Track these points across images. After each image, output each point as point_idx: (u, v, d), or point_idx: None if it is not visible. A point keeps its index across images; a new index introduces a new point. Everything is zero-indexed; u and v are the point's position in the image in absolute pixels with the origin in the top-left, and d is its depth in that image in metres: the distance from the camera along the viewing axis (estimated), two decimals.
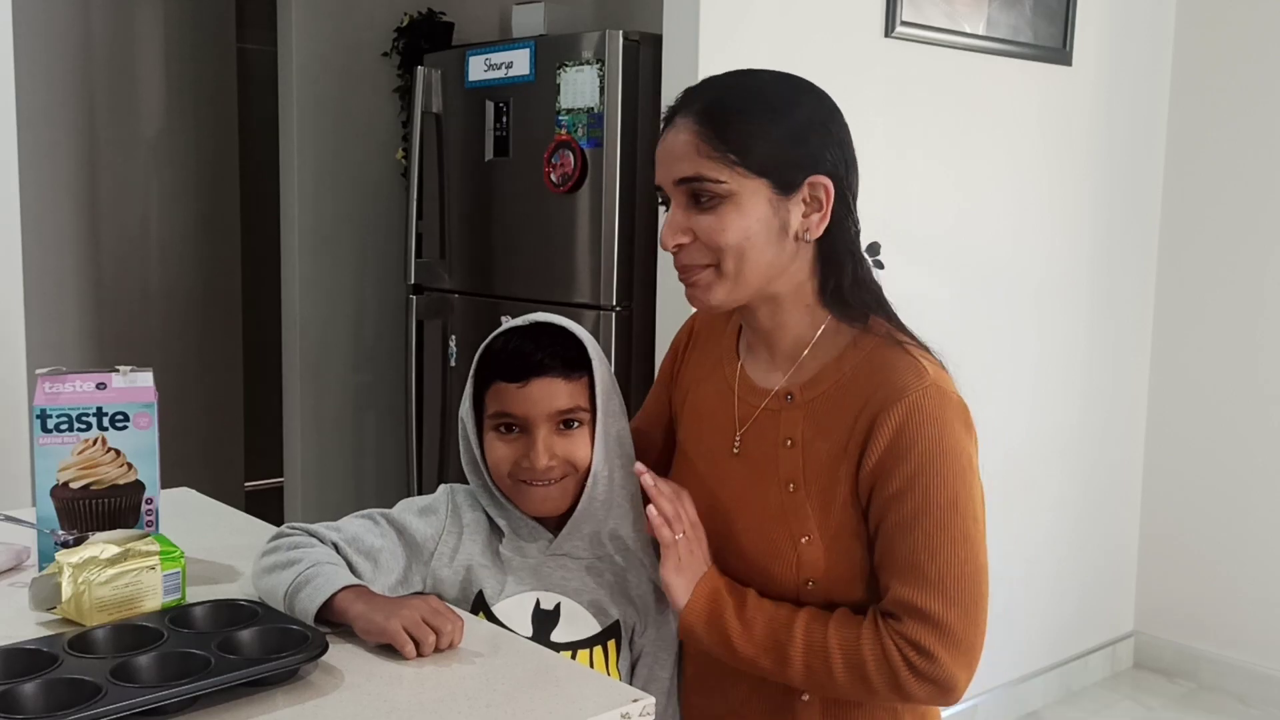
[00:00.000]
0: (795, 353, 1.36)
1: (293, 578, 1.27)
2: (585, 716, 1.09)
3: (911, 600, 1.25)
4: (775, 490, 1.33)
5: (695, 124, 1.28)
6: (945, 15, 2.90)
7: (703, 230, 1.28)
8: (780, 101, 1.30)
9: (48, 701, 1.04)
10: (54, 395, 1.44)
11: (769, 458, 1.34)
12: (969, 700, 3.25)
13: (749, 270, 1.29)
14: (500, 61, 3.08)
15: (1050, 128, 3.27)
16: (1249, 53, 3.45)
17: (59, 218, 3.91)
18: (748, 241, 1.27)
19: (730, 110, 1.28)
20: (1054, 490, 3.46)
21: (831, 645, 1.28)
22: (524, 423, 1.38)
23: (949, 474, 1.26)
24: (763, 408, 1.36)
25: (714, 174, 1.26)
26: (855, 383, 1.31)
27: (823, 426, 1.31)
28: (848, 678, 1.27)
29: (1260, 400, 3.47)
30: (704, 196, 1.27)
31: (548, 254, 2.99)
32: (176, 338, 4.28)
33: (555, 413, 1.37)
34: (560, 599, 1.40)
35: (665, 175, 1.31)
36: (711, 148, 1.26)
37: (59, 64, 3.88)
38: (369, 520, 1.41)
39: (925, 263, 2.99)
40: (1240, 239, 3.49)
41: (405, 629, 1.19)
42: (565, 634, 1.39)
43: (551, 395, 1.37)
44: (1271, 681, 3.47)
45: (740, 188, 1.27)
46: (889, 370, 1.29)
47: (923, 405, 1.26)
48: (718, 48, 2.51)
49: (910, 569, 1.25)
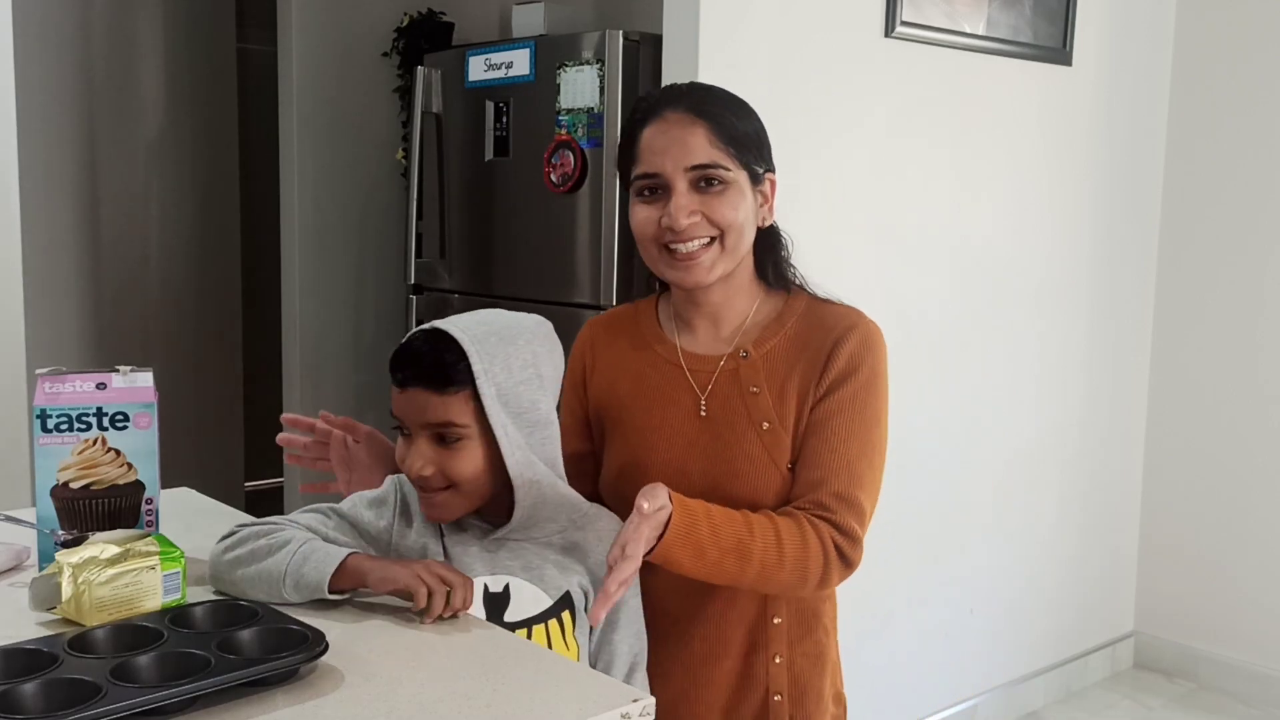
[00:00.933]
0: (737, 321, 1.56)
1: (289, 557, 1.28)
2: (585, 716, 1.09)
3: (848, 493, 1.46)
4: (750, 432, 1.50)
5: (700, 118, 1.46)
6: (945, 15, 2.90)
7: (711, 209, 1.46)
8: (747, 110, 1.52)
9: (48, 701, 1.04)
10: (54, 395, 1.44)
11: (736, 408, 1.51)
12: (969, 700, 3.25)
13: (741, 247, 1.50)
14: (500, 61, 3.08)
15: (1050, 128, 3.27)
16: (1249, 53, 3.45)
17: (59, 218, 3.91)
18: (745, 221, 1.49)
19: (724, 112, 1.48)
20: (1054, 491, 3.46)
21: (785, 542, 1.42)
22: (408, 428, 1.37)
23: (880, 393, 1.51)
24: (720, 369, 1.53)
25: (724, 163, 1.46)
26: (804, 332, 1.53)
27: (785, 370, 1.51)
28: (791, 570, 1.42)
29: (1260, 400, 3.47)
30: (715, 182, 1.46)
31: (548, 254, 2.99)
32: (176, 338, 4.28)
33: (426, 424, 1.35)
34: (508, 579, 1.40)
35: (674, 162, 1.46)
36: (720, 141, 1.46)
37: (59, 64, 3.88)
38: (320, 515, 1.41)
39: (925, 263, 2.99)
40: (1240, 238, 3.49)
41: (421, 578, 1.26)
42: (516, 613, 1.39)
43: (421, 406, 1.34)
44: (1271, 681, 3.47)
45: (737, 177, 1.48)
46: (833, 314, 1.54)
47: (868, 336, 1.51)
48: (718, 48, 2.51)
49: (846, 468, 1.47)
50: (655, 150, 1.46)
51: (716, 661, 1.55)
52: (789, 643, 1.55)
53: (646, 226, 1.48)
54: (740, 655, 1.55)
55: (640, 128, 1.49)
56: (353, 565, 1.28)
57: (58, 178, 3.90)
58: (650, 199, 1.48)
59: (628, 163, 1.51)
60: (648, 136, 1.47)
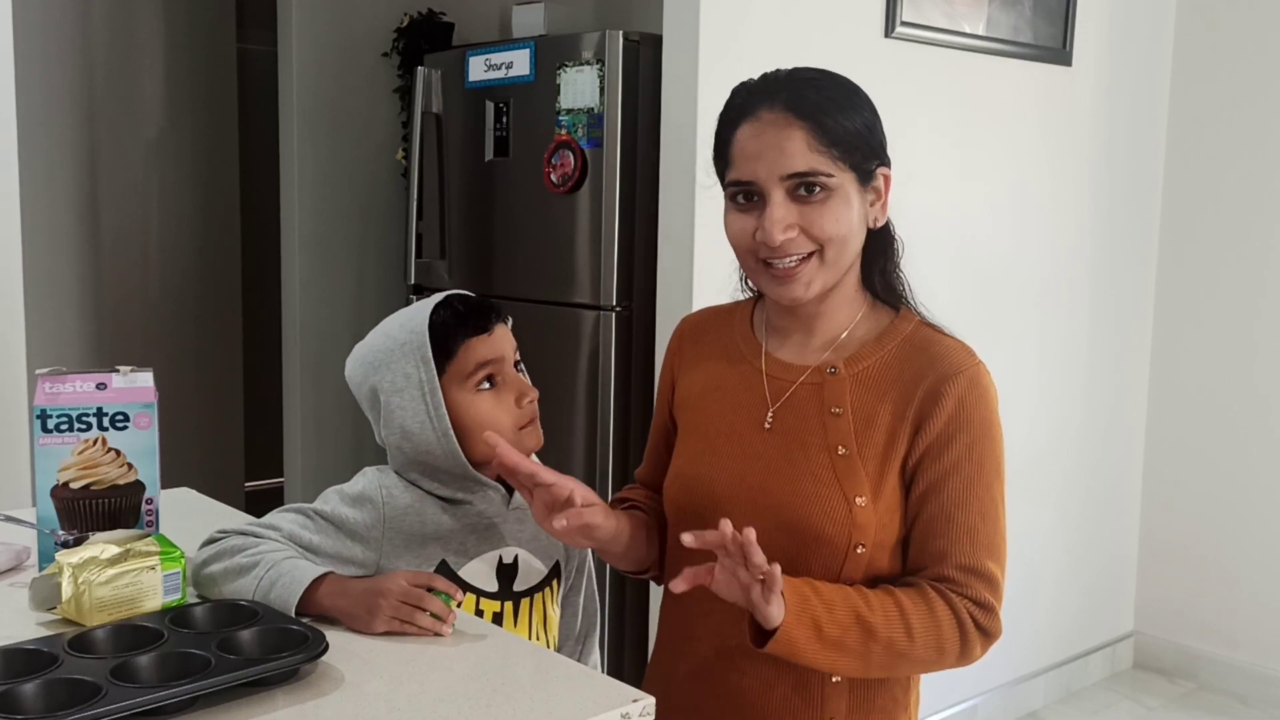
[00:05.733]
0: (834, 333, 1.41)
1: (255, 583, 1.28)
2: (585, 716, 1.09)
3: (975, 564, 1.33)
4: (822, 455, 1.36)
5: (798, 119, 1.31)
6: (945, 15, 2.90)
7: (812, 222, 1.32)
8: (855, 98, 1.36)
9: (48, 701, 1.04)
10: (54, 395, 1.44)
11: (812, 427, 1.37)
12: (969, 700, 3.25)
13: (845, 259, 1.36)
14: (500, 62, 3.08)
15: (1050, 128, 3.27)
16: (1248, 52, 3.45)
17: (59, 218, 3.91)
18: (850, 232, 1.34)
19: (824, 105, 1.32)
20: (1054, 491, 3.46)
21: (909, 615, 1.30)
22: (499, 367, 1.45)
23: (996, 445, 1.37)
24: (800, 382, 1.40)
25: (826, 169, 1.31)
26: (905, 358, 1.38)
27: (874, 395, 1.37)
28: (924, 645, 1.31)
29: (1259, 401, 3.47)
30: (816, 189, 1.32)
31: (548, 254, 2.99)
32: (176, 338, 4.28)
33: (514, 350, 1.48)
34: (518, 550, 1.48)
35: (768, 170, 1.32)
36: (820, 143, 1.31)
37: (59, 64, 3.88)
38: (303, 517, 1.41)
39: (925, 263, 2.97)
40: (1240, 238, 3.49)
41: (395, 617, 1.25)
42: (523, 583, 1.48)
43: (509, 336, 1.48)
44: (1271, 681, 3.47)
45: (843, 181, 1.33)
46: (941, 347, 1.38)
47: (978, 381, 1.36)
48: (718, 48, 2.51)
49: (969, 535, 1.33)
50: (749, 155, 1.33)
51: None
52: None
53: (741, 237, 1.35)
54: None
55: (734, 128, 1.35)
56: (319, 598, 1.28)
57: (58, 178, 3.90)
58: (745, 206, 1.34)
59: (722, 165, 1.38)
60: (741, 138, 1.34)
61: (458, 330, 1.43)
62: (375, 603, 1.26)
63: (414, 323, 1.43)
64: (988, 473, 1.35)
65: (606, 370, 2.82)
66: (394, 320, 1.48)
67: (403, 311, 1.49)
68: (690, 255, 2.54)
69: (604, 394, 2.83)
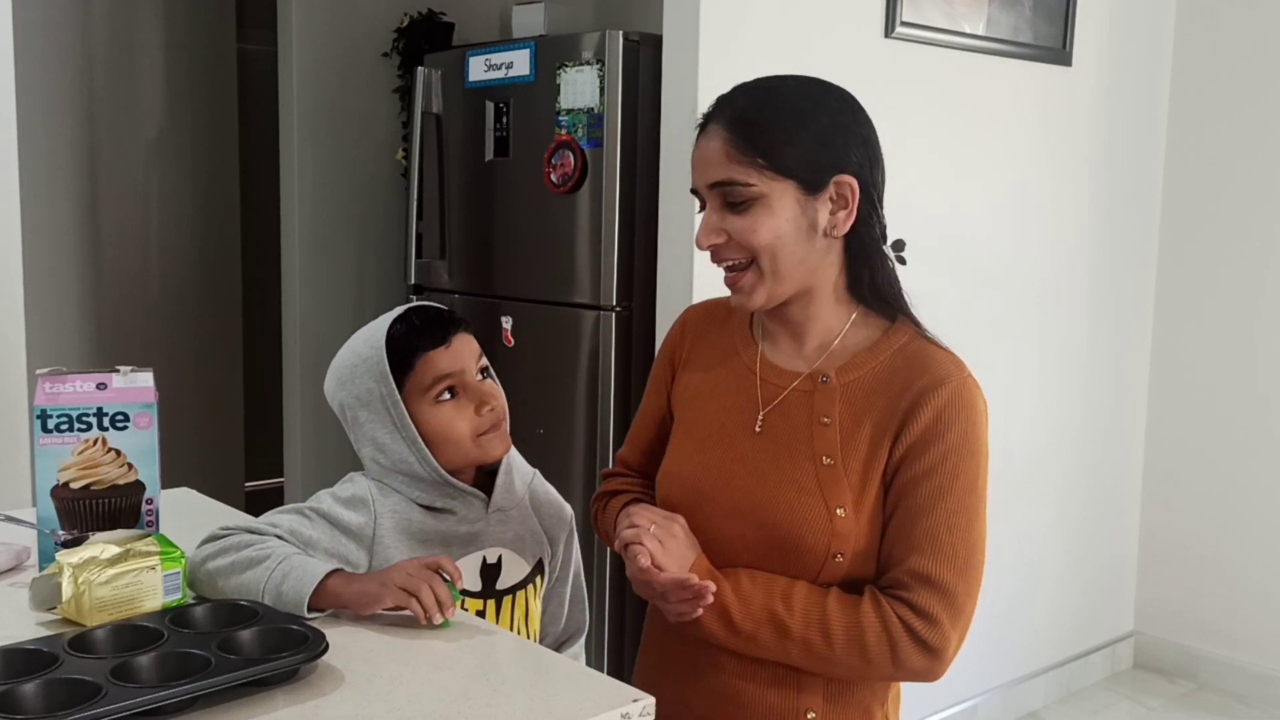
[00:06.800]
0: (825, 340, 1.42)
1: (267, 574, 1.28)
2: (585, 716, 1.09)
3: (927, 570, 1.31)
4: (808, 464, 1.37)
5: (725, 130, 1.34)
6: (945, 15, 2.90)
7: (736, 230, 1.35)
8: (806, 105, 1.37)
9: (48, 701, 1.04)
10: (54, 395, 1.44)
11: (800, 434, 1.38)
12: (969, 700, 3.25)
13: (784, 267, 1.36)
14: (500, 62, 3.08)
15: (1050, 128, 3.27)
16: (1248, 52, 3.45)
17: (59, 218, 3.91)
18: (778, 240, 1.34)
19: (757, 116, 1.34)
20: (1054, 491, 3.46)
21: (831, 617, 1.31)
22: (460, 378, 1.46)
23: (974, 458, 1.34)
24: (791, 389, 1.40)
25: (744, 178, 1.33)
26: (895, 370, 1.38)
27: (863, 407, 1.37)
28: (845, 650, 1.31)
29: (1259, 401, 3.47)
30: (736, 199, 1.34)
31: (548, 254, 2.99)
32: (176, 338, 4.28)
33: (476, 358, 1.49)
34: (501, 550, 1.51)
35: (699, 179, 1.37)
36: (740, 153, 1.33)
37: (59, 64, 3.88)
38: (300, 515, 1.42)
39: (925, 263, 2.97)
40: (1240, 238, 3.49)
41: (402, 588, 1.27)
42: (506, 581, 1.51)
43: (469, 345, 1.49)
44: (1271, 681, 3.47)
45: (769, 189, 1.33)
46: (930, 359, 1.38)
47: (962, 393, 1.35)
48: (718, 48, 2.51)
49: (929, 541, 1.32)
50: (693, 164, 1.39)
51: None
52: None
53: (699, 242, 1.40)
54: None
55: (695, 142, 1.39)
56: (331, 587, 1.28)
57: (58, 178, 3.90)
58: (703, 213, 1.39)
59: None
60: (694, 151, 1.39)
61: (415, 344, 1.45)
62: (387, 576, 1.29)
63: (374, 338, 1.46)
64: (961, 486, 1.33)
65: (606, 370, 2.82)
66: (359, 335, 1.50)
67: (367, 326, 1.51)
68: (690, 255, 2.54)
69: (604, 394, 2.83)
